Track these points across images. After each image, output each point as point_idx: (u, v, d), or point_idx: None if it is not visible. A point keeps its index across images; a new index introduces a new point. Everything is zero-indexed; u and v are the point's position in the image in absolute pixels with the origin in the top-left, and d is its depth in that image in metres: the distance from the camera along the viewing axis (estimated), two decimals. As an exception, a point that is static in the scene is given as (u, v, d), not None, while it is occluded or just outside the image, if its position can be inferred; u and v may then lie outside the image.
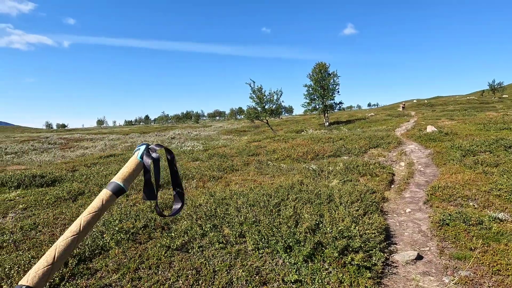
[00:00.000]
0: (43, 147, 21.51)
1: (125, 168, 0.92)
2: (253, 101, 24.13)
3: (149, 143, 1.02)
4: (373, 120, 27.39)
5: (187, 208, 4.67)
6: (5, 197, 6.05)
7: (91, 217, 0.81)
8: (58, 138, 28.12)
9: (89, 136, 31.18)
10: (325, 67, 29.21)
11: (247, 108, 25.82)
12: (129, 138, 27.25)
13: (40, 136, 30.70)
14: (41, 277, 0.68)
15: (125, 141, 23.99)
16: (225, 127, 40.95)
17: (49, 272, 0.70)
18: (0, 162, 13.99)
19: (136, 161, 0.93)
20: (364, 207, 4.38)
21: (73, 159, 13.43)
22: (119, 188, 0.87)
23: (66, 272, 2.97)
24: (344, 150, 10.59)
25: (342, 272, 2.89)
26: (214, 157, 11.05)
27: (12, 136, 35.23)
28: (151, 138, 26.69)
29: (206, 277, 2.86)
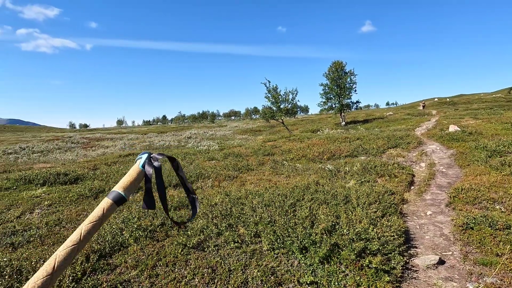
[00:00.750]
0: (67, 146, 22.44)
1: (127, 177, 0.92)
2: (268, 100, 24.09)
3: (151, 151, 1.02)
4: (392, 120, 26.66)
5: (203, 207, 4.72)
6: (32, 194, 6.35)
7: (92, 226, 0.80)
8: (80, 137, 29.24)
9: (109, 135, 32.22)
10: (342, 66, 28.74)
11: (263, 107, 25.80)
12: (147, 138, 27.92)
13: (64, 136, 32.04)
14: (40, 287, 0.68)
15: (143, 141, 24.60)
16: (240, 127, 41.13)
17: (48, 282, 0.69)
18: (27, 161, 14.71)
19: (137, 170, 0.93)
20: (382, 208, 4.27)
21: (94, 158, 13.93)
22: (120, 197, 0.87)
23: (87, 267, 3.08)
24: (362, 150, 10.36)
25: (359, 275, 2.82)
26: (229, 156, 11.12)
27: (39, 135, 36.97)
28: (168, 137, 27.21)
29: (221, 276, 2.88)
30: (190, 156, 11.69)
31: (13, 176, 7.58)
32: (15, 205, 5.68)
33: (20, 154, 18.27)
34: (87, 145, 23.62)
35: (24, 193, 6.47)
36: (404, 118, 26.80)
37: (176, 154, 12.44)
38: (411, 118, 26.21)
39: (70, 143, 24.25)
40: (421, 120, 22.48)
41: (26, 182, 7.23)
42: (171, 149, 16.12)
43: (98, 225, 0.81)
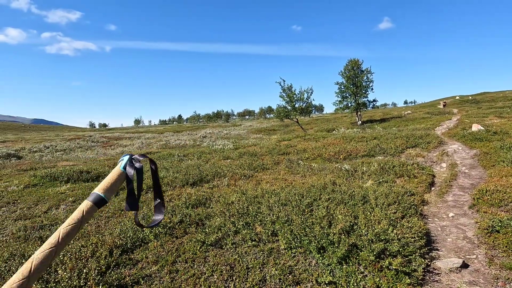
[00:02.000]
0: (87, 145, 23.25)
1: (107, 179, 0.92)
2: (283, 99, 24.04)
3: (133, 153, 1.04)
4: (410, 119, 25.94)
5: (220, 205, 4.78)
6: (57, 190, 6.64)
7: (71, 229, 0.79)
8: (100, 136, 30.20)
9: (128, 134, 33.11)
10: (358, 64, 28.24)
11: (277, 106, 25.77)
12: (164, 137, 28.49)
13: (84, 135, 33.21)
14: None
15: (159, 140, 25.13)
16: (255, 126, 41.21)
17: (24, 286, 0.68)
18: (51, 159, 15.36)
19: (118, 172, 0.94)
20: (402, 209, 4.18)
21: (113, 156, 14.37)
22: (100, 199, 0.87)
23: (111, 261, 3.20)
24: (379, 149, 10.15)
25: (378, 276, 2.78)
26: (244, 155, 11.18)
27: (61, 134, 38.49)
28: (183, 137, 27.66)
29: (239, 273, 2.92)
30: (206, 155, 11.84)
31: (39, 173, 7.95)
32: (42, 201, 5.96)
33: (45, 152, 19.10)
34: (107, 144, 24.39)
35: (50, 189, 6.77)
36: (423, 117, 26.01)
37: (192, 153, 12.64)
38: (430, 117, 25.41)
39: (90, 142, 25.12)
40: (442, 119, 21.74)
41: (52, 179, 7.57)
42: (187, 148, 16.38)
43: (77, 227, 0.80)
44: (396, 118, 28.70)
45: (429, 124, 18.92)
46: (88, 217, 0.84)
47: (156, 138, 27.43)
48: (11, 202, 5.96)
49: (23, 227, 4.48)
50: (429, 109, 37.36)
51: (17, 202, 5.97)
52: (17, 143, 26.05)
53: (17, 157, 16.47)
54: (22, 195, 6.44)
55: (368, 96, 28.72)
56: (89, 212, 0.84)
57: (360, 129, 21.47)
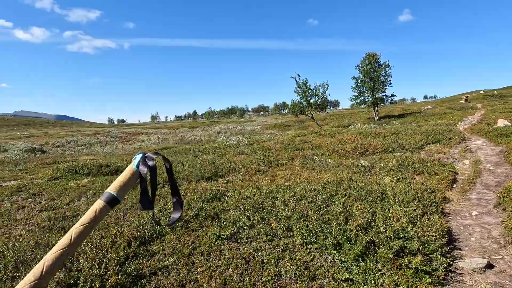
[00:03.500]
0: (106, 140, 23.98)
1: (120, 178, 0.90)
2: (298, 95, 23.78)
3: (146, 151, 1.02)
4: (431, 114, 25.05)
5: (235, 200, 4.80)
6: (78, 183, 6.89)
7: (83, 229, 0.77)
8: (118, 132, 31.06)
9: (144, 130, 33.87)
10: (376, 58, 27.48)
11: (292, 102, 25.57)
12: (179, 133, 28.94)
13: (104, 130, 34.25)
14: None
15: (175, 135, 25.55)
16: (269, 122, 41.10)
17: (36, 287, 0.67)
18: (73, 153, 15.96)
19: (132, 171, 0.92)
20: (422, 207, 4.04)
21: (131, 151, 14.75)
22: (113, 198, 0.85)
23: (130, 252, 3.28)
24: (397, 146, 9.87)
25: (397, 274, 2.71)
26: (259, 151, 11.18)
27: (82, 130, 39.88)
28: (199, 132, 27.98)
29: (255, 268, 2.92)
30: (221, 151, 11.93)
31: (62, 167, 8.27)
32: (65, 193, 6.21)
33: (67, 147, 19.87)
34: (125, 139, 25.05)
35: (72, 182, 7.04)
36: (444, 112, 25.06)
37: (207, 148, 12.76)
38: (452, 112, 24.44)
39: (109, 137, 25.89)
40: (464, 114, 20.86)
41: (73, 172, 7.86)
42: (202, 143, 16.56)
43: (90, 227, 0.78)
44: (415, 114, 27.78)
45: (451, 120, 18.20)
46: (101, 217, 0.82)
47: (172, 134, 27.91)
48: (36, 194, 6.24)
49: (47, 218, 4.68)
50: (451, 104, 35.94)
51: (41, 194, 6.24)
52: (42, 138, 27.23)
53: (42, 151, 17.23)
54: (46, 187, 6.73)
55: (386, 91, 27.94)
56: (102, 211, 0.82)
57: (377, 124, 20.95)
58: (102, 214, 0.82)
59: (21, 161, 12.24)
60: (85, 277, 2.70)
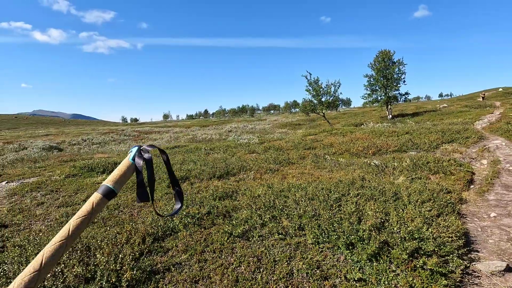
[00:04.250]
0: (120, 139, 24.48)
1: (116, 171, 0.91)
2: (309, 93, 23.61)
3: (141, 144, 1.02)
4: (446, 112, 24.39)
5: (246, 198, 4.83)
6: (94, 181, 7.07)
7: (81, 222, 0.78)
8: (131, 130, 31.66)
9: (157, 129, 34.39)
10: (389, 55, 26.95)
11: (303, 101, 25.40)
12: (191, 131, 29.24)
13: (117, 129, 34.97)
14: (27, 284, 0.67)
15: (187, 134, 25.83)
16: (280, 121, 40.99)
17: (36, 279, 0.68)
18: (88, 151, 16.38)
19: (127, 163, 0.93)
20: (437, 207, 3.95)
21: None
22: (110, 191, 0.86)
23: (144, 248, 3.36)
24: (411, 145, 9.67)
25: (412, 276, 2.66)
26: (269, 150, 11.17)
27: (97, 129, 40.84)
28: (210, 131, 28.19)
29: (267, 266, 2.93)
30: (232, 149, 11.98)
31: (78, 165, 8.50)
32: (81, 190, 6.38)
33: (82, 145, 20.40)
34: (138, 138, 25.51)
35: (88, 179, 7.23)
36: (461, 110, 24.35)
37: (218, 146, 12.84)
38: (469, 110, 23.71)
39: (123, 136, 26.42)
40: (482, 113, 20.20)
41: (89, 170, 8.07)
42: (213, 142, 16.69)
43: (87, 220, 0.80)
44: (430, 112, 27.10)
45: (468, 118, 17.66)
46: (98, 209, 0.83)
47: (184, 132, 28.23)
48: (54, 190, 6.45)
49: (65, 214, 4.84)
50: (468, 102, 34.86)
51: (59, 190, 6.44)
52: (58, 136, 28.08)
53: (59, 149, 17.76)
54: (64, 184, 6.94)
55: (400, 88, 27.38)
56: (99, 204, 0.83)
57: (390, 123, 20.57)
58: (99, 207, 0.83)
59: (39, 158, 12.66)
60: (102, 271, 2.78)
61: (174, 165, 8.17)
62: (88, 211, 0.81)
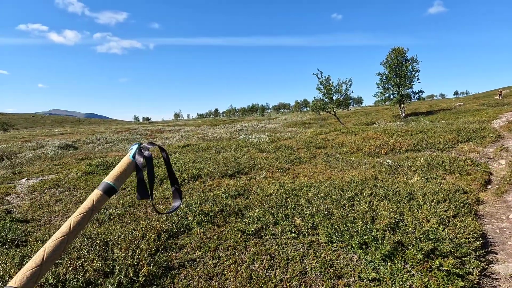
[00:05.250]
0: (133, 137, 24.93)
1: (117, 168, 0.92)
2: (320, 92, 23.42)
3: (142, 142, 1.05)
4: (462, 111, 23.74)
5: (258, 196, 4.86)
6: (109, 178, 7.25)
7: (81, 218, 0.79)
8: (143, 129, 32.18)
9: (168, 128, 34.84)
10: (402, 53, 26.41)
11: (313, 99, 25.22)
12: (201, 130, 29.49)
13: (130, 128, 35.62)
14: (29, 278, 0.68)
15: (198, 133, 26.06)
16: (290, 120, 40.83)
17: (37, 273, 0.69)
18: (102, 149, 16.76)
19: (128, 161, 0.93)
20: (453, 208, 3.88)
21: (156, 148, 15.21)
22: (110, 188, 0.87)
23: (159, 244, 3.44)
24: (425, 144, 9.47)
25: (427, 276, 2.63)
26: (280, 149, 11.16)
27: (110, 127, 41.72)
28: (220, 130, 28.36)
29: (280, 264, 2.95)
30: (242, 148, 12.03)
31: (94, 163, 8.73)
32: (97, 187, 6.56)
33: (96, 143, 20.89)
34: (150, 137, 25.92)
35: (103, 177, 7.41)
36: (477, 109, 23.64)
37: (229, 145, 12.92)
38: (486, 108, 22.99)
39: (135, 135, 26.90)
40: (500, 111, 19.55)
41: (104, 167, 8.28)
42: (224, 141, 16.78)
43: (88, 216, 0.81)
44: (445, 110, 26.44)
45: (485, 117, 17.14)
46: (99, 206, 0.84)
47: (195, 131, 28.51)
48: (72, 187, 6.65)
49: (83, 210, 4.98)
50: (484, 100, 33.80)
51: (76, 187, 6.64)
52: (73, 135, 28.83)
53: (74, 147, 18.25)
54: (80, 181, 7.15)
55: (413, 87, 26.80)
56: (100, 201, 0.84)
57: (403, 122, 20.19)
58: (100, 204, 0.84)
59: (56, 156, 13.05)
60: (120, 266, 2.87)
61: (186, 163, 8.28)
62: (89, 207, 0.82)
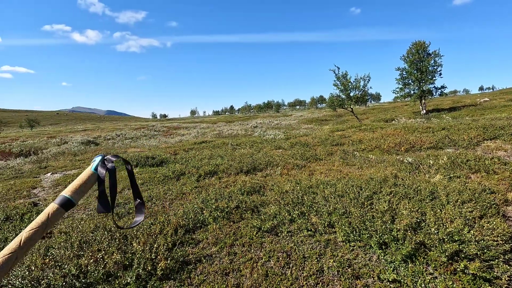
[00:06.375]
0: (151, 134, 25.50)
1: (77, 181, 0.88)
2: (337, 88, 22.99)
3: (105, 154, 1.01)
4: (488, 107, 22.64)
5: (274, 193, 4.83)
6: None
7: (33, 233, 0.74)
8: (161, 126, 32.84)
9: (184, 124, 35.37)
10: (424, 46, 25.43)
11: (330, 96, 24.79)
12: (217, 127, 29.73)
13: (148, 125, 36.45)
14: None
15: (213, 130, 26.30)
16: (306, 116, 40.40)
17: None
18: (122, 145, 17.25)
19: (89, 173, 0.90)
20: (479, 208, 3.69)
21: (173, 144, 15.51)
22: (67, 201, 0.82)
23: (176, 239, 3.48)
24: (448, 141, 9.08)
25: (452, 279, 2.52)
26: (296, 145, 11.06)
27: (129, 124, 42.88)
28: (235, 127, 28.47)
29: (296, 262, 2.92)
30: (258, 145, 12.02)
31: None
32: (117, 182, 6.74)
33: (116, 140, 21.53)
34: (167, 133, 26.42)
35: (123, 172, 7.62)
36: (505, 105, 22.46)
37: (244, 142, 12.95)
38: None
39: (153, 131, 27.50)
40: (530, 107, 18.47)
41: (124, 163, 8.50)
42: (239, 138, 16.84)
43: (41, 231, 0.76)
44: (469, 107, 25.31)
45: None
46: (54, 220, 0.79)
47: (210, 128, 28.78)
48: (93, 182, 6.87)
49: (103, 204, 5.14)
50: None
51: (97, 182, 6.86)
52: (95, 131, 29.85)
53: (95, 143, 18.90)
54: (101, 176, 7.37)
55: (435, 82, 25.78)
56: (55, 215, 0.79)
57: (424, 119, 19.49)
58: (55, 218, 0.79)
59: (78, 152, 13.56)
60: (138, 259, 2.93)
61: (202, 159, 8.36)
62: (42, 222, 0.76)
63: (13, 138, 24.26)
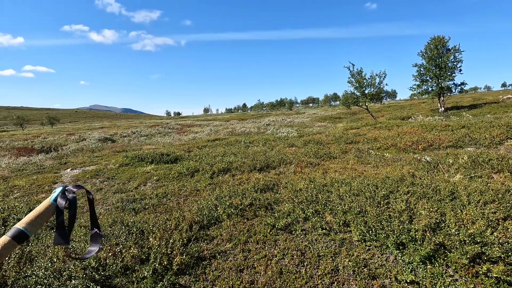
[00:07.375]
0: (165, 131, 25.90)
1: (33, 212, 0.85)
2: (351, 85, 22.57)
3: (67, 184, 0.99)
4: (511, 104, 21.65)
5: (287, 191, 4.81)
6: (144, 170, 7.60)
7: None
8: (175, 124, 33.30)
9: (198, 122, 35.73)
10: (443, 42, 24.56)
11: (344, 93, 24.36)
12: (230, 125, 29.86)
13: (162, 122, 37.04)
14: None
15: (226, 127, 26.43)
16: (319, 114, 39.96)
17: None
18: (137, 142, 17.61)
19: (47, 204, 0.87)
20: (503, 210, 3.54)
21: (187, 142, 15.70)
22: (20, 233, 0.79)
23: (191, 235, 3.53)
24: (469, 140, 8.76)
25: (473, 283, 2.43)
26: (309, 143, 10.96)
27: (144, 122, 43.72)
28: (248, 124, 28.50)
29: (311, 260, 2.90)
30: (271, 142, 12.00)
31: (130, 155, 9.20)
32: (133, 178, 6.90)
33: (132, 137, 22.00)
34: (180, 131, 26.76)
35: (138, 169, 7.79)
36: (530, 102, 21.41)
37: (257, 140, 12.95)
38: (541, 101, 20.74)
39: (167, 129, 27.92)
40: (558, 104, 17.53)
41: (139, 160, 8.69)
42: (252, 135, 16.86)
43: None
44: (491, 104, 24.31)
45: (539, 111, 15.48)
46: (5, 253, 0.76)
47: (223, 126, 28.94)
48: (110, 178, 7.07)
49: (120, 199, 5.27)
50: (539, 92, 30.47)
51: (114, 178, 7.04)
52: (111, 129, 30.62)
53: (112, 140, 19.39)
54: (118, 172, 7.57)
55: (455, 78, 24.87)
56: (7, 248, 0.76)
57: (443, 116, 18.88)
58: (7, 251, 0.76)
59: (96, 149, 13.96)
60: (155, 254, 2.99)
61: (216, 157, 8.43)
62: None
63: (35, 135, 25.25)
